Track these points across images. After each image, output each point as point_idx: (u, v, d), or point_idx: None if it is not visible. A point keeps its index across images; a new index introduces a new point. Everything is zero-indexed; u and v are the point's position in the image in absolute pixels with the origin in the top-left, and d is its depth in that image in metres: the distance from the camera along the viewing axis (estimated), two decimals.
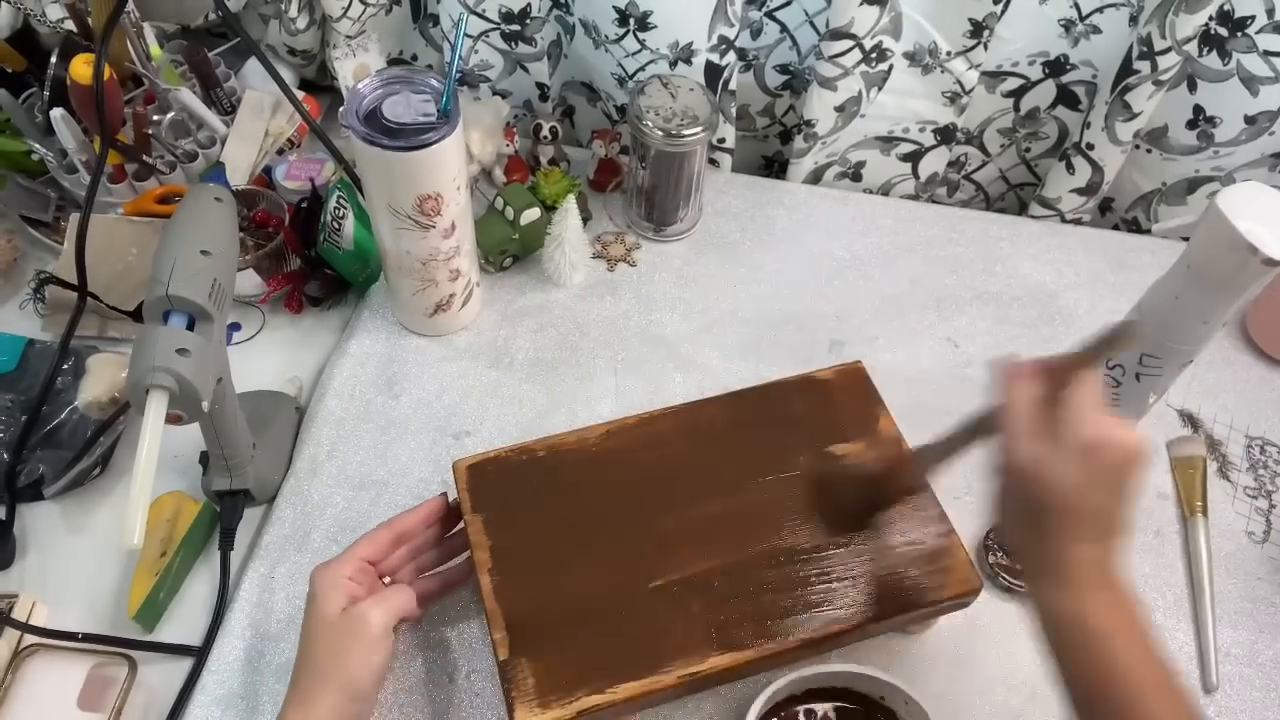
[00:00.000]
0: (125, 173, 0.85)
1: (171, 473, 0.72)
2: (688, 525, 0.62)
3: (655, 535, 0.61)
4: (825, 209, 0.94)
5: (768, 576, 0.60)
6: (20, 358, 0.77)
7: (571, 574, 0.60)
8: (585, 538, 0.61)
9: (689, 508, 0.63)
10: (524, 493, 0.63)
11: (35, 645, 0.64)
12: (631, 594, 0.59)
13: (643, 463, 0.65)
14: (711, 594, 0.59)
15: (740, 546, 0.61)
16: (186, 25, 0.96)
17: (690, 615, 0.58)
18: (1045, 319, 0.86)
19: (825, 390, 0.69)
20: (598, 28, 0.87)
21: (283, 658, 0.65)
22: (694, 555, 0.60)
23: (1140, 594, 0.69)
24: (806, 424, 0.67)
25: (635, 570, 0.60)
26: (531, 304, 0.85)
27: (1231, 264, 0.60)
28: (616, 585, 0.59)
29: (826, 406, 0.68)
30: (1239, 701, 0.66)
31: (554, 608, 0.58)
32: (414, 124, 0.66)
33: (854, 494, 0.63)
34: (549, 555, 0.60)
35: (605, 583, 0.59)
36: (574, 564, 0.60)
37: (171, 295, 0.55)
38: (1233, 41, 0.80)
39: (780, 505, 0.63)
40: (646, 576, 0.60)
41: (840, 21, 0.81)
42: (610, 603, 0.59)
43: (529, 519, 0.62)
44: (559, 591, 0.59)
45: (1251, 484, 0.77)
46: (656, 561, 0.60)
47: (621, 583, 0.59)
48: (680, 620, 0.58)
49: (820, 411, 0.68)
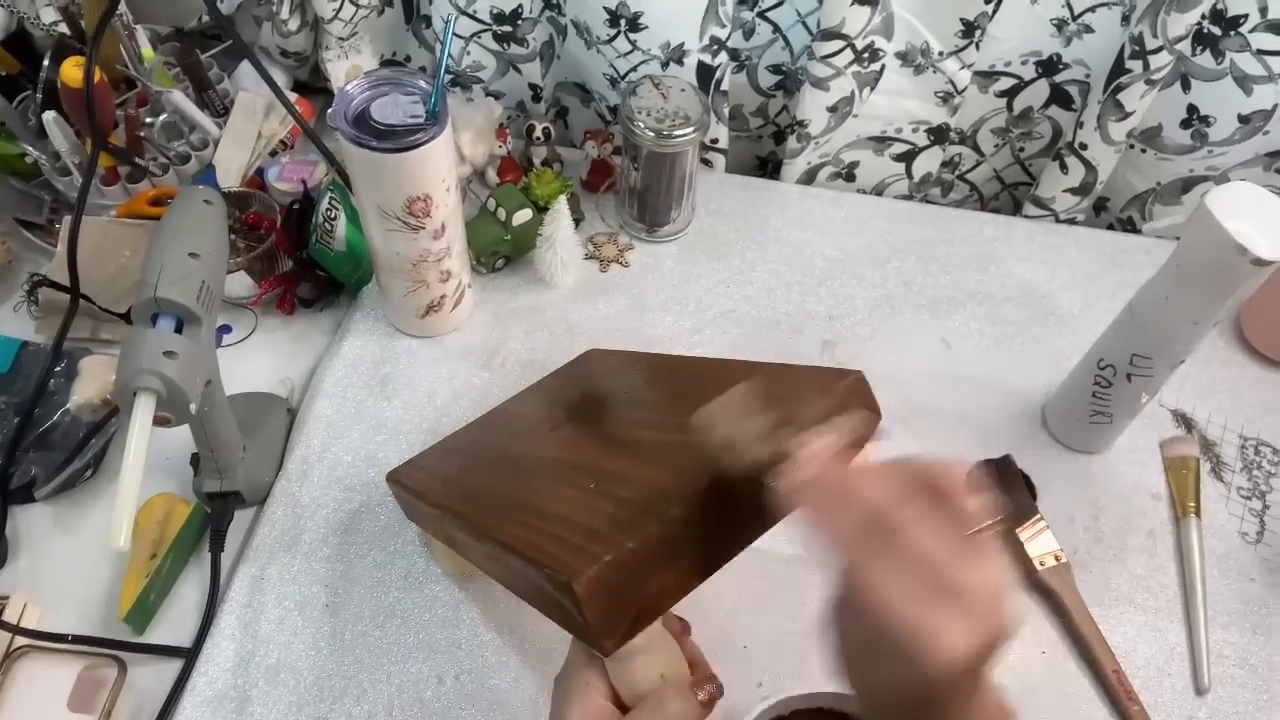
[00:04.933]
0: (118, 175, 0.85)
1: (162, 474, 0.72)
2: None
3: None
4: (818, 209, 0.93)
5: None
6: (13, 360, 0.77)
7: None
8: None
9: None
10: (453, 470, 0.64)
11: (26, 647, 0.64)
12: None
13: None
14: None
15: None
16: (179, 27, 0.96)
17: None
18: (1039, 319, 0.86)
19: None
20: (589, 29, 0.87)
21: (272, 659, 0.65)
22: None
23: (1132, 595, 0.69)
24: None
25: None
26: (524, 305, 0.85)
27: (1221, 264, 0.60)
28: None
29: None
30: (1231, 703, 0.66)
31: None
32: (402, 125, 0.66)
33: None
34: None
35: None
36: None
37: (159, 298, 0.55)
38: (1226, 40, 0.80)
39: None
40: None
41: (832, 22, 0.81)
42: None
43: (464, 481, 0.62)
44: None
45: (1245, 485, 0.76)
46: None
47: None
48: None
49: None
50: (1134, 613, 0.69)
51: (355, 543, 0.70)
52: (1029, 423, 0.79)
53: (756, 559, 0.69)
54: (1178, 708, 0.65)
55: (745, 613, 0.68)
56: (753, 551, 0.70)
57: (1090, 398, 0.73)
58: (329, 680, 0.64)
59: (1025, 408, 0.80)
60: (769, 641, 0.67)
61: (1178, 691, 0.66)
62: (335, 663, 0.65)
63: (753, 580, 0.69)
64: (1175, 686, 0.66)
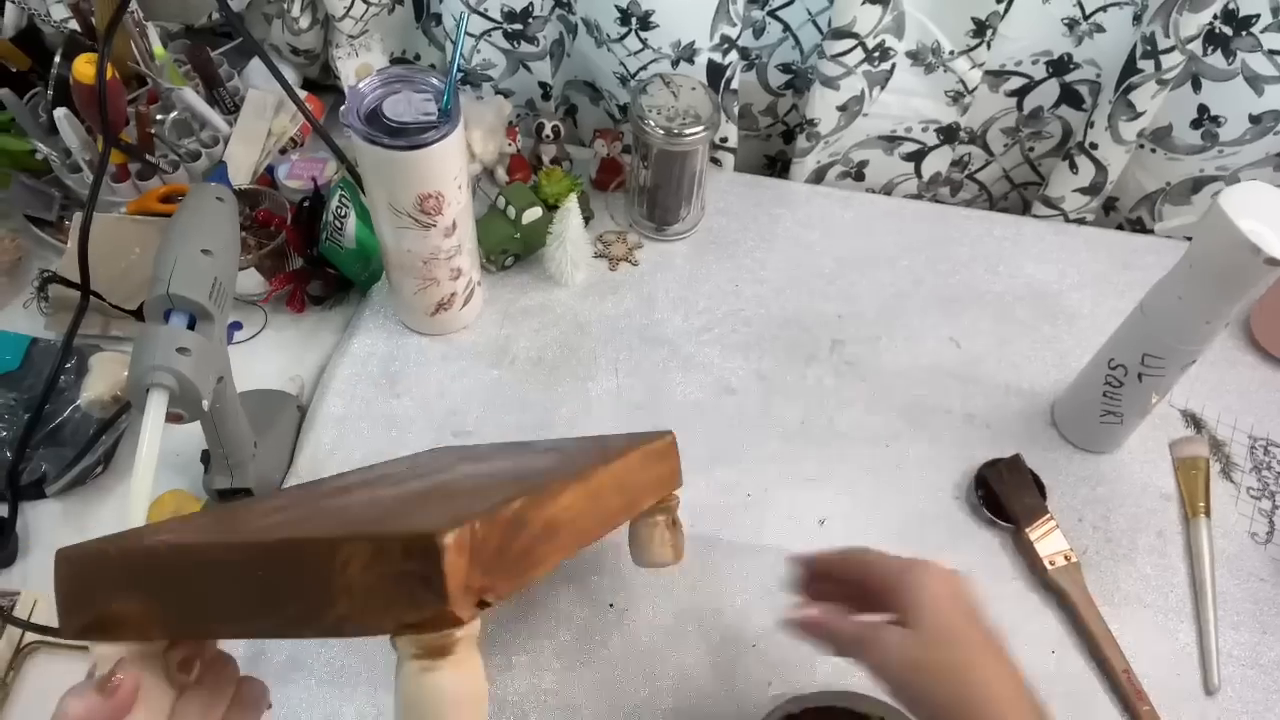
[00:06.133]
0: (129, 172, 0.85)
1: (173, 471, 0.72)
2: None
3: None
4: (828, 208, 0.93)
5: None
6: (24, 356, 0.77)
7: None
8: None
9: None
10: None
11: (36, 643, 0.64)
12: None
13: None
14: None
15: None
16: (190, 25, 0.96)
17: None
18: (1048, 319, 0.86)
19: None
20: (600, 27, 0.87)
21: (280, 657, 0.65)
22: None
23: (1142, 595, 0.69)
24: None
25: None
26: (533, 303, 0.85)
27: (1234, 264, 0.60)
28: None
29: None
30: (1241, 703, 0.66)
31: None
32: (415, 123, 0.66)
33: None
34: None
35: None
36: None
37: (172, 294, 0.55)
38: (1237, 40, 0.80)
39: None
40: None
41: (843, 20, 0.81)
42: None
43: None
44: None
45: (1255, 485, 0.76)
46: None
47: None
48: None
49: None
50: (1144, 612, 0.69)
51: None
52: (1038, 422, 0.79)
53: (765, 557, 0.70)
54: (1187, 708, 0.65)
55: (755, 611, 0.68)
56: (762, 549, 0.70)
57: (1101, 397, 0.73)
58: (339, 677, 0.64)
59: (1035, 407, 0.80)
60: (779, 640, 0.67)
61: (1187, 691, 0.66)
62: (345, 659, 0.65)
63: (762, 578, 0.69)
64: (1185, 687, 0.66)
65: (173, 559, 0.41)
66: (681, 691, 0.65)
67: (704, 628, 0.67)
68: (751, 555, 0.70)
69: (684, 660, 0.66)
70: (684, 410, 0.78)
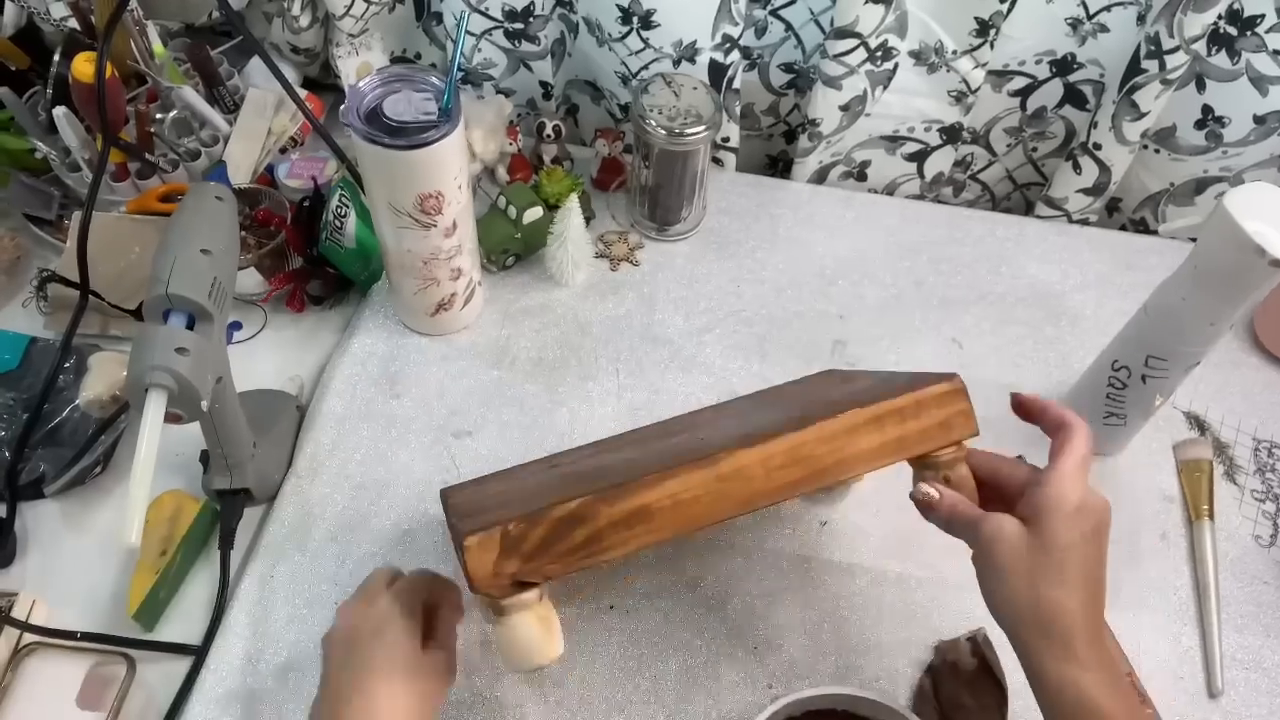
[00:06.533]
0: (128, 171, 0.85)
1: (172, 471, 0.72)
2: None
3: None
4: (829, 208, 0.93)
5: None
6: (22, 356, 0.77)
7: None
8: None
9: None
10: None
11: (34, 644, 0.64)
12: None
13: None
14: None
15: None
16: (190, 23, 0.96)
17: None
18: (1051, 319, 0.85)
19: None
20: (601, 26, 0.87)
21: (282, 657, 0.65)
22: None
23: (1145, 598, 0.69)
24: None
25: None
26: (534, 303, 0.85)
27: (1239, 265, 0.59)
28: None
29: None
30: (1245, 706, 0.65)
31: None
32: (415, 122, 0.66)
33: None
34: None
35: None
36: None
37: (171, 294, 0.55)
38: (1242, 41, 0.79)
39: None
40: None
41: (845, 20, 0.81)
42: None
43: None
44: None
45: (1259, 487, 0.76)
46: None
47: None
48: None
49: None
50: (1147, 615, 0.69)
51: (365, 541, 0.70)
52: None
53: (768, 558, 0.70)
54: (1191, 711, 0.65)
55: (755, 612, 0.68)
56: (763, 551, 0.70)
57: (1104, 399, 0.72)
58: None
59: None
60: (779, 642, 0.66)
61: (1191, 695, 0.66)
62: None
63: (763, 580, 0.69)
64: (1189, 690, 0.66)
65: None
66: (681, 693, 0.64)
67: (704, 628, 0.67)
68: (750, 557, 0.70)
69: (684, 661, 0.66)
70: (685, 411, 0.78)
